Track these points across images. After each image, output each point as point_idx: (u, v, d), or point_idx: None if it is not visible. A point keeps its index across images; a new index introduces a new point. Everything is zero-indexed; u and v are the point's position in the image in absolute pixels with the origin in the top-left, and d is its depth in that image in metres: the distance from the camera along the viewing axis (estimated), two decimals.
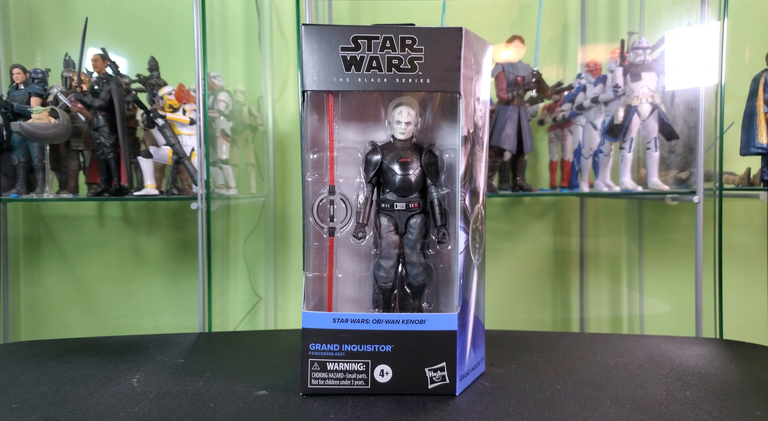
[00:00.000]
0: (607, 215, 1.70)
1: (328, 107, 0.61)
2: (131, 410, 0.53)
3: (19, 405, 0.55)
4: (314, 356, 0.58)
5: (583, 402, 0.55)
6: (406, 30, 0.56)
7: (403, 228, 0.62)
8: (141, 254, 1.63)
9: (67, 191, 1.32)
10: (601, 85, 1.35)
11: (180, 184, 1.33)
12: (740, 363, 0.68)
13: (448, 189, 0.63)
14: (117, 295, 1.62)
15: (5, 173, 1.29)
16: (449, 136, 0.64)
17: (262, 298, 1.67)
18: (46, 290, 1.61)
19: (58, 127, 1.21)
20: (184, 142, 1.26)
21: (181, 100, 1.27)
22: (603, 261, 1.70)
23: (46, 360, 0.70)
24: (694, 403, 0.55)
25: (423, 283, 0.63)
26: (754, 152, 1.28)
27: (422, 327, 0.58)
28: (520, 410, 0.54)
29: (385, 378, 0.58)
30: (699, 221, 1.22)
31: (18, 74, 1.28)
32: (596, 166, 1.38)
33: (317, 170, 0.63)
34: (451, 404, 0.56)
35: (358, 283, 0.66)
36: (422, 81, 0.56)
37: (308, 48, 0.56)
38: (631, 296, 1.70)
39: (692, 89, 1.30)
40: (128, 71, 1.44)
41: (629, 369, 0.66)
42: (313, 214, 0.62)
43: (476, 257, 0.64)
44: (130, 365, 0.67)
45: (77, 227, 1.61)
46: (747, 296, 1.59)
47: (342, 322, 0.58)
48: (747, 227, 1.63)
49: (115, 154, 1.26)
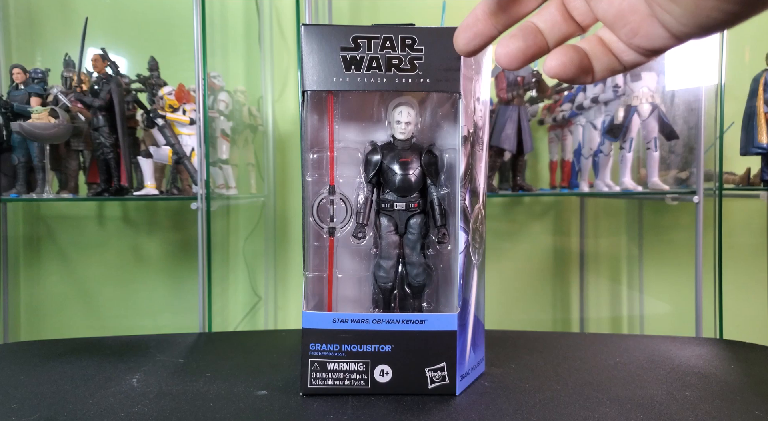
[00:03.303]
0: (607, 215, 1.70)
1: (328, 107, 0.61)
2: (131, 410, 0.53)
3: (19, 405, 0.55)
4: (314, 356, 0.58)
5: (583, 402, 0.55)
6: (406, 30, 0.56)
7: (403, 228, 0.62)
8: (141, 254, 1.63)
9: (67, 191, 1.32)
10: (601, 85, 1.35)
11: (180, 184, 1.33)
12: (740, 363, 0.68)
13: (448, 189, 0.63)
14: (117, 295, 1.62)
15: (5, 173, 1.29)
16: (449, 136, 0.64)
17: (262, 298, 1.67)
18: (46, 290, 1.61)
19: (58, 127, 1.20)
20: (184, 142, 1.26)
21: (181, 100, 1.27)
22: (603, 261, 1.70)
23: (46, 360, 0.70)
24: (694, 403, 0.55)
25: (423, 283, 0.63)
26: (754, 152, 1.28)
27: (422, 327, 0.58)
28: (520, 410, 0.54)
29: (385, 378, 0.58)
30: (699, 221, 1.22)
31: (18, 74, 1.28)
32: (596, 166, 1.38)
33: (317, 170, 0.63)
34: (451, 404, 0.56)
35: (358, 283, 0.66)
36: (422, 81, 0.56)
37: (308, 48, 0.56)
38: (631, 296, 1.70)
39: (692, 89, 1.30)
40: (128, 71, 1.44)
41: (629, 369, 0.66)
42: (313, 214, 0.62)
43: (476, 257, 0.64)
44: (130, 365, 0.67)
45: (77, 227, 1.61)
46: (747, 296, 1.59)
47: (342, 322, 0.58)
48: (747, 227, 1.63)
49: (115, 154, 1.26)
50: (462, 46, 0.32)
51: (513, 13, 0.31)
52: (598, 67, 0.29)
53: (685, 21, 0.25)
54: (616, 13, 0.27)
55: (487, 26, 0.31)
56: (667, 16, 0.25)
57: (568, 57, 0.29)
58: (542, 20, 0.30)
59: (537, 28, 0.30)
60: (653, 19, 0.26)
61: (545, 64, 0.29)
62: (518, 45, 0.30)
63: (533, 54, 0.30)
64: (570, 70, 0.28)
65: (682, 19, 0.25)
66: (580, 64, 0.29)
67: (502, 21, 0.31)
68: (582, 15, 0.30)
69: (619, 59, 0.29)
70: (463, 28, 0.32)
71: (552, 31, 0.30)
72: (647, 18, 0.26)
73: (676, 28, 0.25)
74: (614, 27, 0.28)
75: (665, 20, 0.25)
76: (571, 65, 0.28)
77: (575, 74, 0.29)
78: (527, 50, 0.30)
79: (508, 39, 0.30)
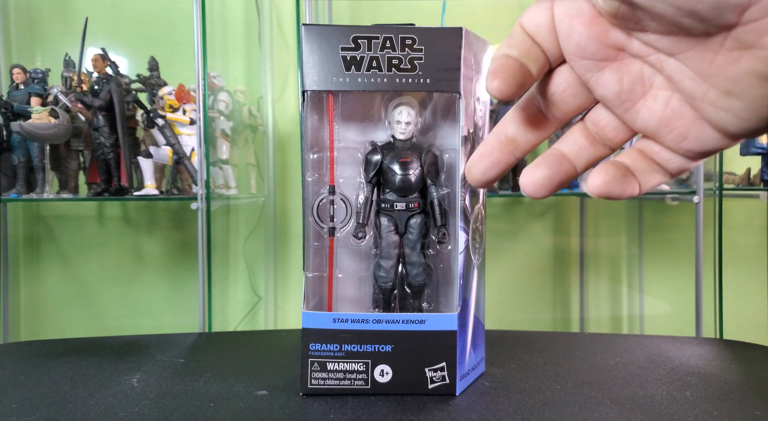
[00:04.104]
0: (607, 215, 1.70)
1: (328, 107, 0.61)
2: (131, 410, 0.53)
3: (19, 405, 0.55)
4: (314, 356, 0.58)
5: (583, 402, 0.55)
6: (406, 30, 0.56)
7: (403, 228, 0.62)
8: (141, 254, 1.63)
9: (67, 191, 1.32)
10: None
11: (180, 184, 1.33)
12: (740, 363, 0.68)
13: (448, 189, 0.63)
14: (117, 295, 1.62)
15: (5, 173, 1.29)
16: (449, 136, 0.64)
17: (262, 298, 1.67)
18: (46, 290, 1.61)
19: (58, 127, 1.21)
20: (184, 142, 1.26)
21: (181, 100, 1.27)
22: (603, 261, 1.70)
23: (46, 360, 0.70)
24: (694, 403, 0.55)
25: (423, 283, 0.63)
26: (754, 152, 1.28)
27: (422, 327, 0.58)
28: (520, 410, 0.54)
29: (385, 378, 0.58)
30: (699, 221, 1.22)
31: (18, 74, 1.28)
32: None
33: (317, 170, 0.63)
34: (451, 404, 0.56)
35: (358, 283, 0.66)
36: (422, 81, 0.56)
37: (308, 48, 0.56)
38: (631, 296, 1.70)
39: None
40: (128, 71, 1.44)
41: (629, 369, 0.66)
42: (313, 214, 0.62)
43: (476, 257, 0.64)
44: (130, 365, 0.67)
45: (77, 227, 1.61)
46: (747, 296, 1.59)
47: (342, 322, 0.58)
48: (747, 227, 1.63)
49: (115, 154, 1.26)
50: (478, 178, 0.30)
51: (531, 139, 0.29)
52: (643, 178, 0.27)
53: (747, 116, 0.23)
54: (659, 121, 0.25)
55: (503, 155, 0.29)
56: (723, 114, 0.23)
57: (610, 175, 0.27)
58: (567, 145, 0.29)
59: (562, 154, 0.28)
60: (702, 122, 0.24)
61: (588, 184, 0.27)
62: (543, 173, 0.28)
63: (560, 181, 0.28)
64: (614, 188, 0.27)
65: (743, 114, 0.23)
66: (623, 179, 0.27)
67: (520, 148, 0.29)
68: (613, 131, 0.28)
69: (664, 167, 0.27)
70: (477, 159, 0.29)
71: (579, 155, 0.29)
72: (695, 121, 0.24)
73: (735, 124, 0.23)
74: (658, 136, 0.26)
75: (720, 119, 0.23)
76: (614, 183, 0.27)
77: (620, 190, 0.27)
78: (553, 178, 0.28)
79: (532, 168, 0.28)
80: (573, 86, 0.28)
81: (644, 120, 0.26)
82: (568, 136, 0.29)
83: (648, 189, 0.28)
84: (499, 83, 0.25)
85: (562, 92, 0.28)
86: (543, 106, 0.29)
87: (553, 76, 0.28)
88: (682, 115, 0.25)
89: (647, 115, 0.26)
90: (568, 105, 0.28)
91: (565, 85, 0.28)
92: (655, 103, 0.25)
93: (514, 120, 0.29)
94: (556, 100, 0.28)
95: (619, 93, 0.26)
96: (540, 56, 0.26)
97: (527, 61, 0.26)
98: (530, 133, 0.29)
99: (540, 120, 0.29)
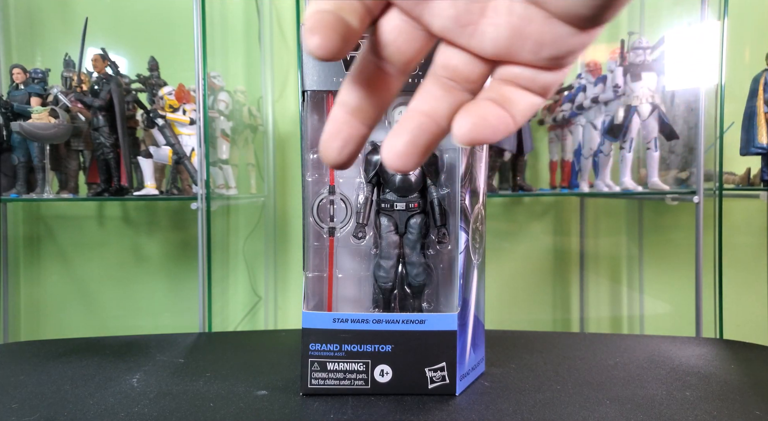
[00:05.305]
0: (607, 215, 1.70)
1: (328, 107, 0.61)
2: (131, 410, 0.53)
3: (19, 405, 0.55)
4: (314, 356, 0.58)
5: (583, 402, 0.55)
6: None
7: (403, 228, 0.62)
8: (141, 254, 1.63)
9: (67, 191, 1.32)
10: (601, 85, 1.35)
11: (180, 184, 1.33)
12: (740, 363, 0.68)
13: (448, 189, 0.63)
14: (117, 295, 1.62)
15: (5, 173, 1.29)
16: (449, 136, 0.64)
17: (262, 298, 1.67)
18: (46, 290, 1.61)
19: (58, 127, 1.21)
20: (184, 142, 1.26)
21: (181, 100, 1.27)
22: (603, 261, 1.70)
23: (46, 360, 0.70)
24: (694, 403, 0.55)
25: (423, 283, 0.63)
26: (754, 152, 1.28)
27: (422, 327, 0.58)
28: (520, 410, 0.54)
29: (385, 378, 0.58)
30: (699, 221, 1.22)
31: (18, 74, 1.28)
32: (596, 166, 1.38)
33: (317, 170, 0.63)
34: (451, 404, 0.56)
35: (358, 283, 0.66)
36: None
37: None
38: (631, 296, 1.70)
39: (692, 89, 1.30)
40: (128, 71, 1.44)
41: (629, 369, 0.66)
42: (313, 214, 0.62)
43: (476, 257, 0.64)
44: (130, 365, 0.67)
45: (77, 227, 1.61)
46: (747, 296, 1.59)
47: (342, 322, 0.58)
48: (747, 227, 1.63)
49: (115, 154, 1.26)
50: (335, 158, 0.26)
51: (379, 102, 0.26)
52: (513, 109, 0.24)
53: None
54: (509, 34, 0.23)
55: (354, 128, 0.26)
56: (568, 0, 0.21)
57: (476, 115, 0.24)
58: (423, 102, 0.26)
59: (420, 112, 0.25)
60: (552, 20, 0.22)
61: (453, 134, 0.24)
62: (404, 140, 0.25)
63: (426, 143, 0.25)
64: (484, 129, 0.24)
65: None
66: (492, 117, 0.24)
67: (370, 115, 0.26)
68: (467, 67, 0.25)
69: (531, 89, 0.25)
70: (328, 139, 0.26)
71: (438, 108, 0.25)
72: (546, 21, 0.22)
73: (582, 5, 0.21)
74: (514, 52, 0.24)
75: (567, 6, 0.21)
76: (482, 123, 0.24)
77: (492, 131, 0.24)
78: (416, 141, 0.25)
79: (391, 138, 0.25)
80: (406, 30, 0.25)
81: (493, 39, 0.23)
82: (421, 91, 0.26)
83: (522, 119, 0.25)
84: (319, 40, 0.22)
85: (395, 40, 0.25)
86: (380, 63, 0.26)
87: (380, 26, 0.25)
88: (530, 19, 0.22)
89: (494, 32, 0.23)
90: (405, 53, 0.25)
91: (397, 31, 0.25)
92: (497, 15, 0.23)
93: (354, 87, 0.26)
94: (392, 52, 0.25)
95: (457, 17, 0.23)
96: (356, 5, 0.24)
97: (344, 13, 0.23)
98: (376, 97, 0.26)
99: (382, 79, 0.26)
